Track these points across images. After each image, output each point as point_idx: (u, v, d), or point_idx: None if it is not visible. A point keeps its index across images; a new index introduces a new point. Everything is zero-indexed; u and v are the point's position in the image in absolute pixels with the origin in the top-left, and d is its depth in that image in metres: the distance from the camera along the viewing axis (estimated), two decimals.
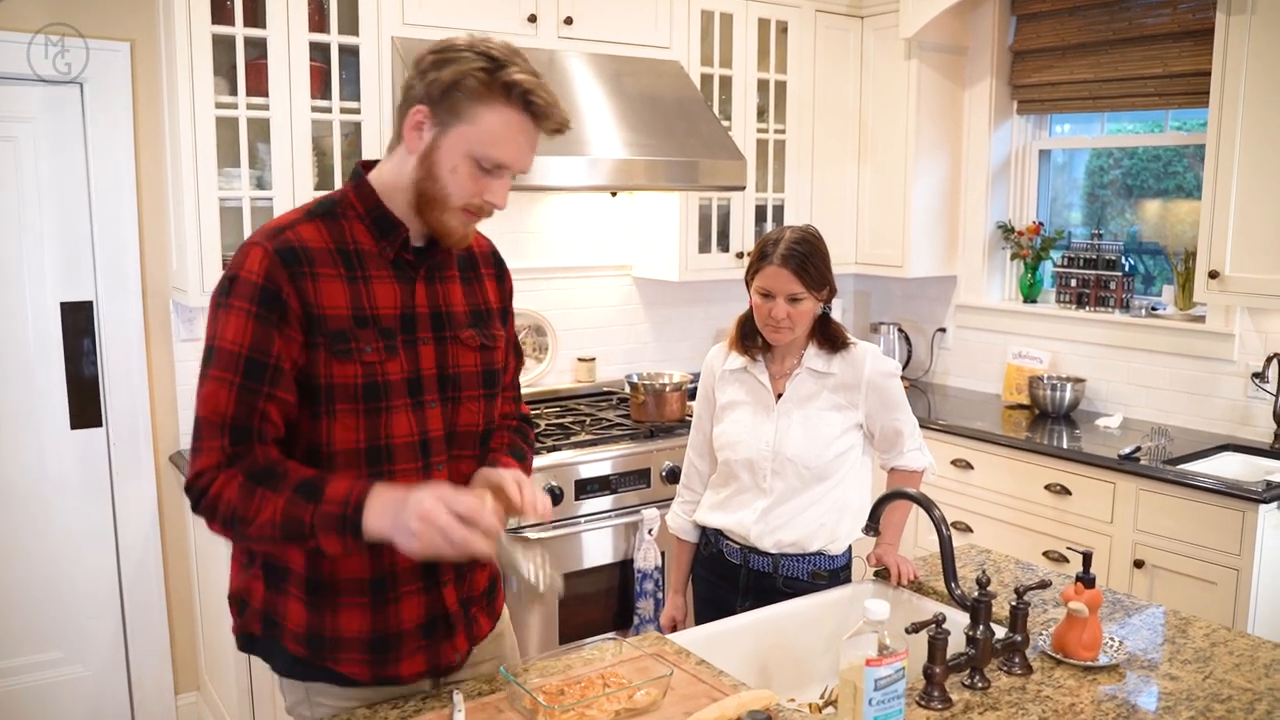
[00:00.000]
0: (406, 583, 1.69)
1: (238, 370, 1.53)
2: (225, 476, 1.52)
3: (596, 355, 4.29)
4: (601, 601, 3.52)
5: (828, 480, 2.32)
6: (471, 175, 1.59)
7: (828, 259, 2.29)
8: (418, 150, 1.60)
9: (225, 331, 1.55)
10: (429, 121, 1.58)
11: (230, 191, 3.16)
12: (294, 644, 1.68)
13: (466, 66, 1.55)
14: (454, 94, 1.55)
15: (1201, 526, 3.18)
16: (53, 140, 3.24)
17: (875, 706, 1.48)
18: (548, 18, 3.59)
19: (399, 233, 1.65)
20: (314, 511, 1.49)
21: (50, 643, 3.40)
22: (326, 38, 3.23)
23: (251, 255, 1.57)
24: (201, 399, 1.56)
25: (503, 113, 1.56)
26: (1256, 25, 3.25)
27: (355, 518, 1.48)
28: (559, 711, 1.58)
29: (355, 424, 1.61)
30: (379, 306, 1.63)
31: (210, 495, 1.52)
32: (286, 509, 1.49)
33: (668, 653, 1.89)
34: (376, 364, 1.61)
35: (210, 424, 1.54)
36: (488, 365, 1.77)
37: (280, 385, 1.56)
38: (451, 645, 1.77)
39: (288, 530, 1.49)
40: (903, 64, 4.33)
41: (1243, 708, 1.73)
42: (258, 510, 1.50)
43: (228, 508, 1.52)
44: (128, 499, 3.45)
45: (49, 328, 3.31)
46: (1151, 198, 4.21)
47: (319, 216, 1.64)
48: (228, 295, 1.56)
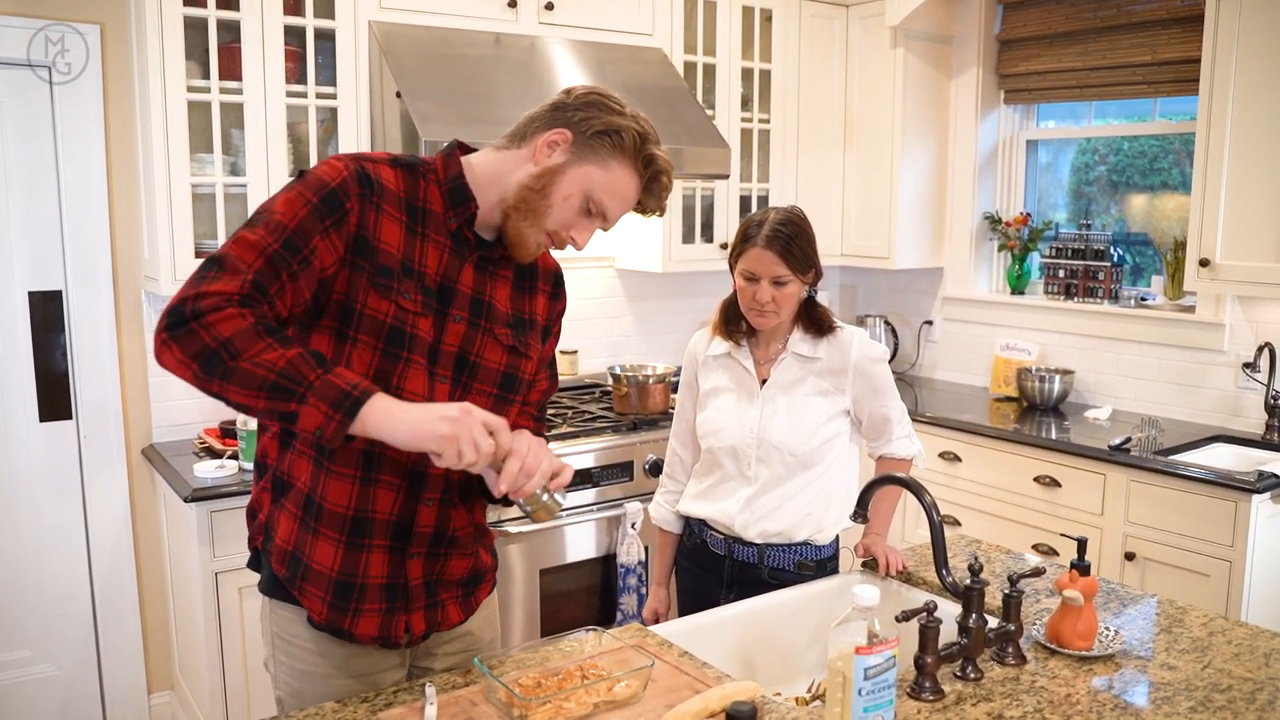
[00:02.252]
0: (379, 535, 1.68)
1: (279, 239, 1.53)
2: (235, 311, 1.46)
3: (579, 348, 4.22)
4: (583, 598, 3.46)
5: (814, 468, 2.26)
6: (576, 209, 1.69)
7: (814, 240, 2.23)
8: (542, 164, 1.66)
9: (278, 205, 1.56)
10: (566, 146, 1.66)
11: (203, 178, 3.09)
12: (278, 562, 1.71)
13: (625, 124, 1.67)
14: (603, 138, 1.66)
15: (1193, 518, 3.14)
16: (20, 126, 3.16)
17: (865, 697, 1.42)
18: (528, 3, 3.53)
19: (469, 206, 1.69)
20: (319, 375, 1.46)
21: (19, 641, 3.31)
22: (302, 21, 3.16)
23: (331, 163, 1.61)
24: (232, 243, 1.53)
25: (630, 177, 1.70)
26: (1247, 11, 3.21)
27: (359, 400, 1.46)
28: (535, 704, 1.52)
29: (370, 360, 1.61)
30: (427, 266, 1.66)
31: (206, 318, 1.44)
32: (294, 360, 1.45)
33: (650, 645, 1.83)
34: (410, 313, 1.63)
35: (236, 262, 1.50)
36: (511, 368, 1.78)
37: (304, 274, 1.55)
38: (405, 620, 1.74)
39: (282, 379, 1.44)
40: (888, 53, 4.28)
41: (1244, 697, 1.68)
42: (259, 351, 1.44)
43: (219, 338, 1.44)
44: (99, 493, 3.37)
45: (17, 318, 3.23)
46: (1137, 192, 4.17)
47: (401, 166, 1.69)
48: (296, 181, 1.60)
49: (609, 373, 3.80)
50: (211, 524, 2.93)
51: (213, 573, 2.95)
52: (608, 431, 3.52)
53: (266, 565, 1.74)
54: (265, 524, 1.74)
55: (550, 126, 1.67)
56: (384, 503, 1.67)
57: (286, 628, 1.75)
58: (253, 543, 1.78)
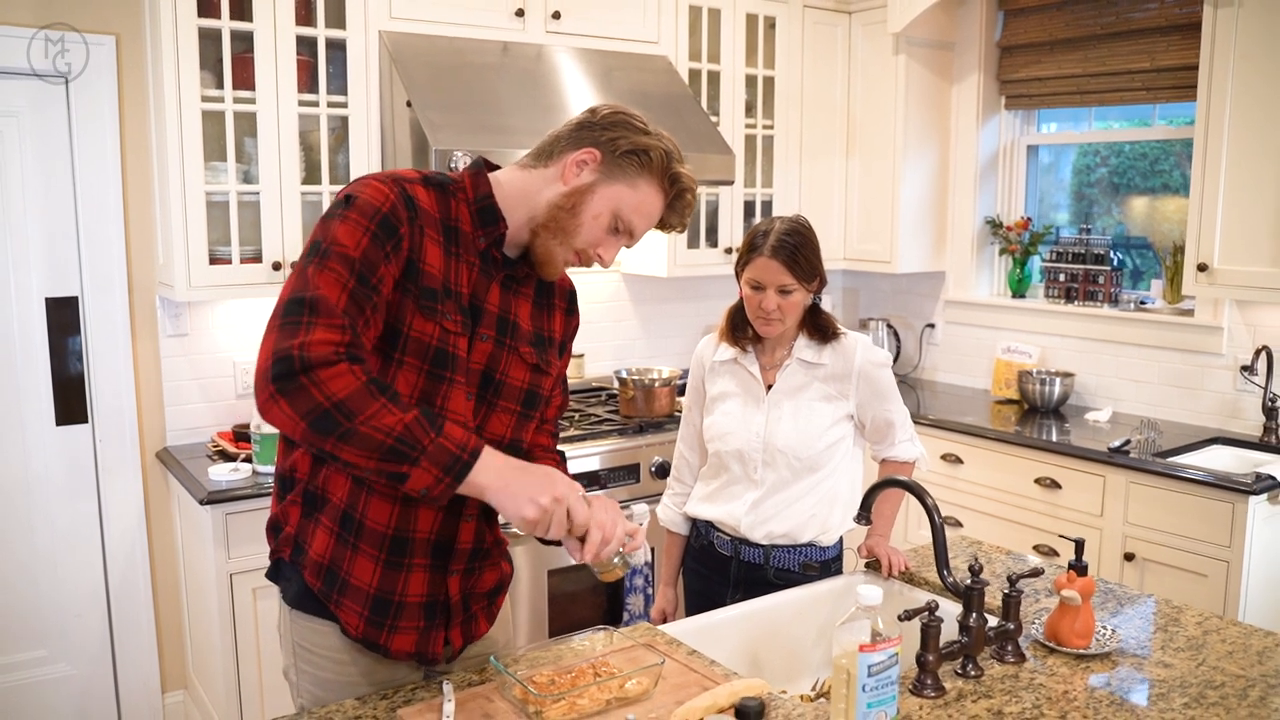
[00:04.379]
0: (419, 555, 1.71)
1: (353, 273, 1.53)
2: (347, 367, 1.47)
3: (585, 352, 4.27)
4: (590, 598, 3.51)
5: (819, 471, 2.31)
6: (605, 228, 1.72)
7: (818, 249, 2.29)
8: (570, 183, 1.69)
9: (340, 236, 1.55)
10: (595, 165, 1.68)
11: (217, 186, 3.14)
12: (311, 575, 1.71)
13: (652, 143, 1.70)
14: (631, 158, 1.68)
15: (1191, 519, 3.19)
16: (38, 135, 3.21)
17: (869, 693, 1.47)
18: (535, 12, 3.58)
19: (499, 226, 1.72)
20: (433, 439, 1.48)
21: (36, 641, 3.37)
22: (313, 31, 3.22)
23: (374, 186, 1.61)
24: (315, 280, 1.51)
25: (657, 195, 1.72)
26: (1244, 18, 3.26)
27: (469, 463, 1.50)
28: (549, 700, 1.57)
29: (415, 381, 1.64)
30: (461, 285, 1.69)
31: (319, 375, 1.44)
32: (411, 425, 1.47)
33: (659, 643, 1.88)
34: (453, 334, 1.66)
35: (331, 305, 1.49)
36: (534, 385, 1.81)
37: (379, 303, 1.56)
38: (444, 636, 1.77)
39: (399, 445, 1.46)
40: (890, 59, 4.34)
41: (1236, 694, 1.72)
42: (375, 414, 1.45)
43: (335, 396, 1.44)
44: (114, 496, 3.42)
45: (34, 323, 3.28)
46: (1138, 195, 4.22)
47: (433, 186, 1.70)
48: (345, 208, 1.58)
49: (615, 376, 3.85)
50: (226, 526, 2.98)
51: (227, 574, 3.00)
52: (614, 434, 3.58)
53: (296, 578, 1.74)
54: (294, 537, 1.74)
55: (578, 146, 1.69)
56: (424, 522, 1.70)
57: (312, 639, 1.76)
58: (276, 554, 1.78)
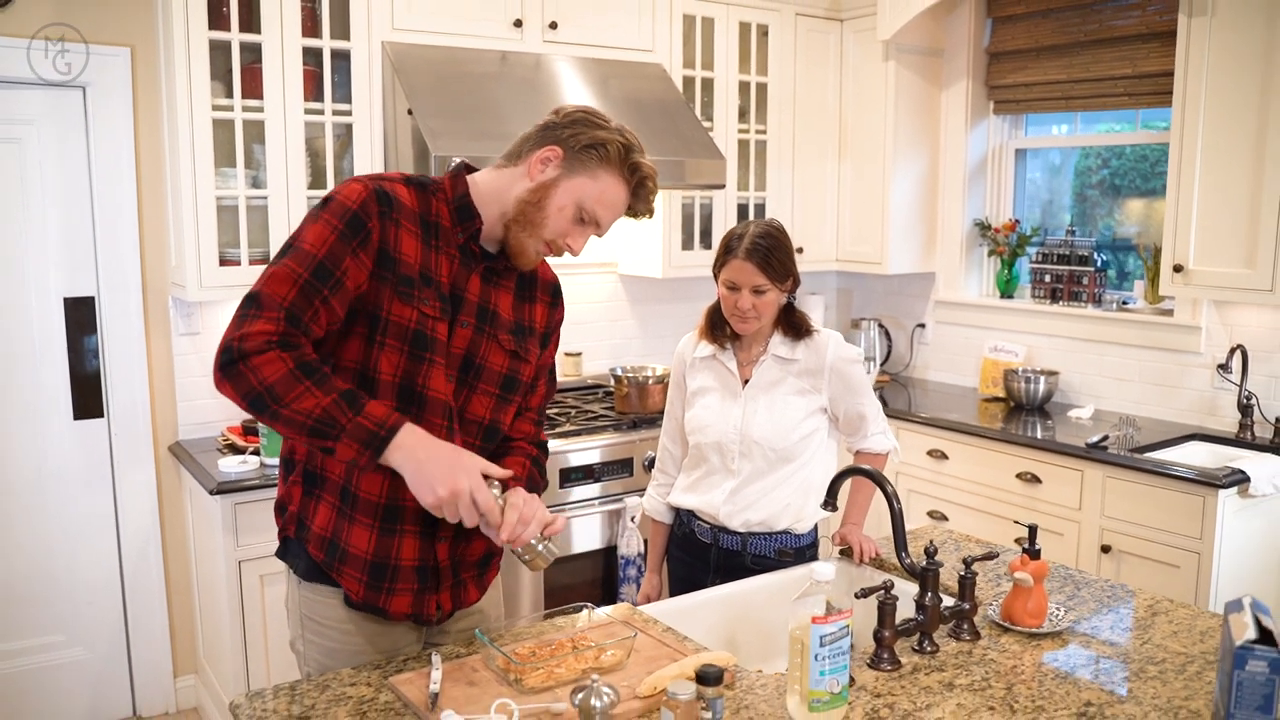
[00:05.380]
0: (410, 522, 1.85)
1: (308, 268, 1.69)
2: (275, 354, 1.63)
3: (583, 350, 4.40)
4: (586, 589, 3.63)
5: (793, 462, 2.43)
6: (570, 219, 1.84)
7: (791, 252, 2.40)
8: (536, 179, 1.82)
9: (307, 235, 1.72)
10: (558, 162, 1.81)
11: (227, 191, 3.27)
12: (315, 548, 1.85)
13: (609, 137, 1.82)
14: (590, 151, 1.81)
15: (1165, 512, 3.30)
16: (56, 142, 3.36)
17: (820, 662, 1.59)
18: (533, 23, 3.71)
19: (475, 222, 1.85)
20: (351, 418, 1.63)
21: (53, 626, 3.52)
22: (319, 43, 3.35)
23: (352, 186, 1.77)
24: (267, 279, 1.69)
25: (618, 185, 1.85)
26: (1216, 27, 3.37)
27: (386, 438, 1.64)
28: (529, 669, 1.70)
29: (397, 361, 1.78)
30: (441, 275, 1.83)
31: (252, 363, 1.62)
32: (329, 407, 1.62)
33: (636, 621, 2.00)
34: (431, 318, 1.80)
35: (271, 299, 1.66)
36: (512, 371, 1.94)
37: (336, 295, 1.71)
38: (435, 598, 1.91)
39: (319, 425, 1.63)
40: (881, 65, 4.46)
41: (1175, 669, 1.84)
42: (298, 398, 1.62)
43: (263, 382, 1.62)
44: (128, 487, 3.57)
45: (52, 322, 3.43)
46: (1139, 196, 4.32)
47: (414, 185, 1.85)
48: (321, 209, 1.75)
49: (610, 374, 3.98)
50: (235, 515, 3.12)
51: (236, 561, 3.14)
52: (609, 430, 3.70)
53: (303, 553, 1.87)
54: (298, 514, 1.88)
55: (542, 144, 1.83)
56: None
57: (319, 610, 1.89)
58: (283, 533, 1.92)
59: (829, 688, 1.61)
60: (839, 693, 1.62)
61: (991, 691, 1.75)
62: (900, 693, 1.75)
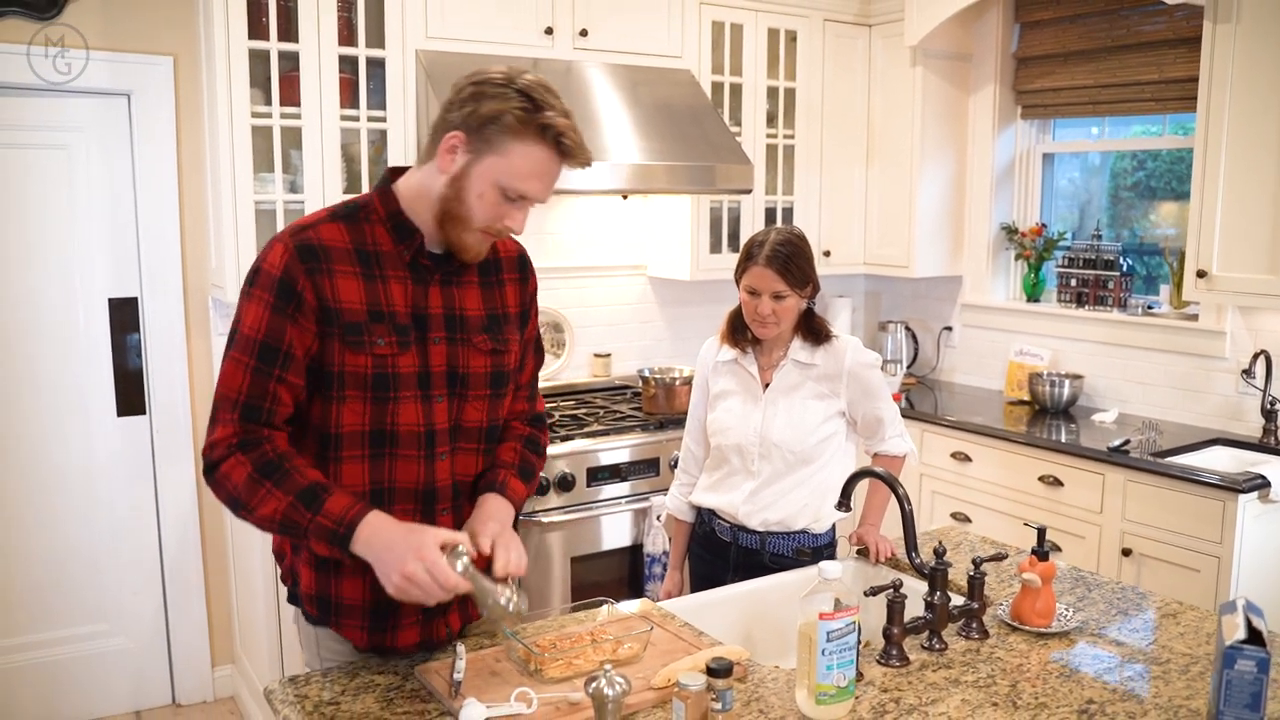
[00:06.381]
0: None
1: (253, 354, 1.69)
2: (236, 460, 1.67)
3: (612, 351, 4.47)
4: (612, 587, 3.70)
5: (812, 464, 2.49)
6: (496, 202, 1.72)
7: (811, 258, 2.46)
8: (449, 171, 1.72)
9: (245, 318, 1.72)
10: (463, 148, 1.70)
11: (265, 195, 3.37)
12: (309, 606, 1.87)
13: (505, 105, 1.67)
14: (490, 127, 1.67)
15: (1185, 516, 3.32)
16: (102, 148, 3.48)
17: (827, 656, 1.65)
18: (564, 30, 3.79)
19: (415, 238, 1.78)
20: (310, 519, 1.65)
21: (98, 615, 3.65)
22: (355, 51, 3.44)
23: (274, 251, 1.72)
24: (220, 377, 1.73)
25: (534, 151, 1.69)
26: (1241, 34, 3.38)
27: (346, 536, 1.66)
28: (549, 660, 1.77)
29: (362, 409, 1.76)
30: (395, 304, 1.76)
31: (220, 472, 1.68)
32: (287, 511, 1.65)
33: (654, 616, 2.07)
34: (388, 357, 1.75)
35: (226, 399, 1.70)
36: (497, 368, 1.90)
37: (290, 370, 1.71)
38: (444, 621, 1.92)
39: (285, 528, 1.68)
40: (909, 70, 4.49)
41: (1178, 669, 1.88)
42: (260, 502, 1.66)
43: (234, 490, 1.68)
44: (169, 482, 3.69)
45: (98, 322, 3.56)
46: (1173, 199, 4.32)
47: (342, 218, 1.77)
48: (251, 285, 1.73)
49: (639, 375, 4.05)
50: None
51: (272, 555, 3.23)
52: (637, 430, 3.77)
53: (302, 605, 1.90)
54: (291, 569, 1.90)
55: (445, 132, 1.71)
56: None
57: (331, 646, 1.91)
58: (285, 579, 1.94)
59: (836, 682, 1.67)
60: (845, 687, 1.68)
61: (996, 688, 1.80)
62: (907, 688, 1.80)
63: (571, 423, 3.80)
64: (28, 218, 3.41)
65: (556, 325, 4.35)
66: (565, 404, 4.13)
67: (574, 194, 4.13)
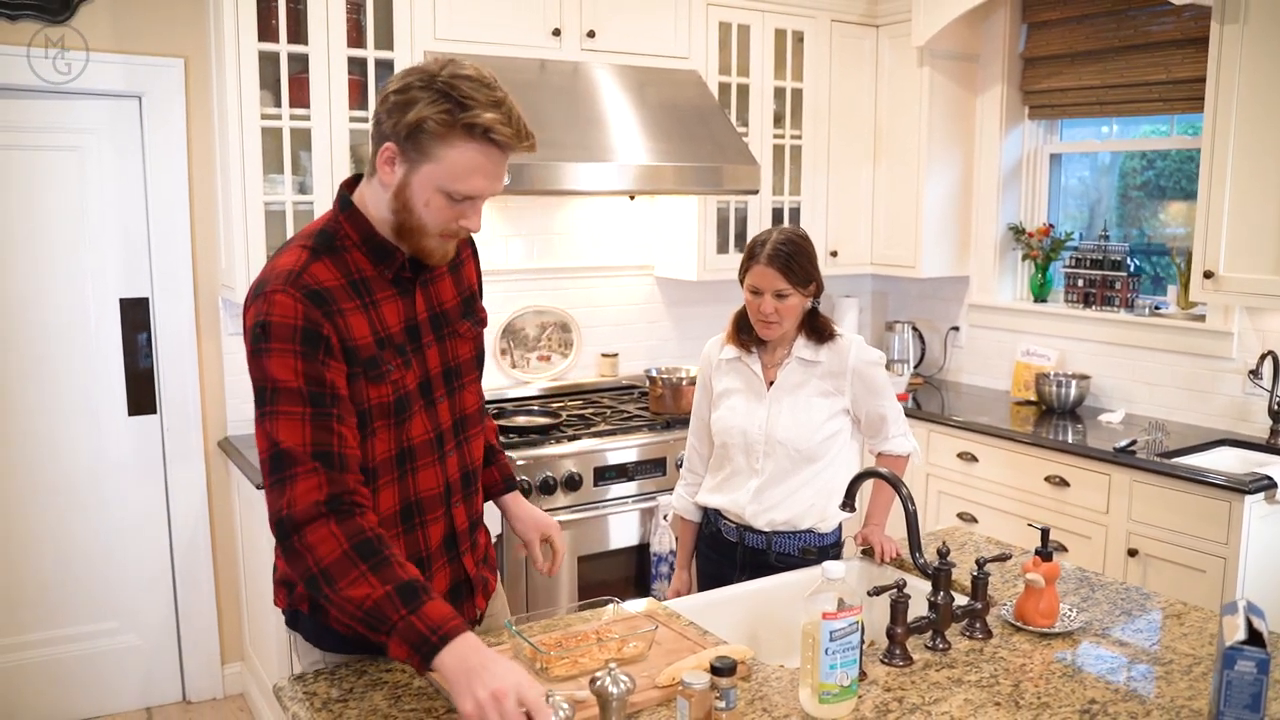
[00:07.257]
0: (438, 560, 1.89)
1: (305, 402, 1.60)
2: (328, 529, 1.56)
3: (619, 351, 4.49)
4: (620, 586, 3.71)
5: (817, 462, 2.50)
6: (444, 207, 1.68)
7: (813, 257, 2.48)
8: (391, 185, 1.67)
9: (276, 372, 1.61)
10: (399, 159, 1.65)
11: (274, 196, 3.40)
12: (342, 627, 1.77)
13: (427, 111, 1.60)
14: (418, 135, 1.61)
15: (1191, 517, 3.32)
16: (114, 149, 3.51)
17: (830, 655, 1.67)
18: (571, 31, 3.80)
19: (396, 258, 1.75)
20: (404, 617, 1.52)
21: (109, 613, 3.68)
22: (364, 52, 3.46)
23: (278, 304, 1.63)
24: (275, 432, 1.59)
25: (467, 151, 1.63)
26: (1249, 35, 3.38)
27: (437, 647, 1.52)
28: (555, 658, 1.79)
29: (388, 436, 1.75)
30: (389, 325, 1.75)
31: (306, 540, 1.56)
32: (380, 601, 1.53)
33: (659, 616, 2.09)
34: (399, 379, 1.75)
35: (292, 455, 1.58)
36: (478, 347, 1.96)
37: (344, 409, 1.65)
38: (473, 604, 1.98)
39: (370, 617, 1.54)
40: (916, 71, 4.50)
41: (1181, 670, 1.89)
42: (351, 584, 1.54)
43: (318, 564, 1.55)
44: (179, 481, 3.71)
45: (109, 322, 3.58)
46: (1182, 199, 4.31)
47: (324, 253, 1.71)
48: (266, 341, 1.62)
49: (645, 375, 4.06)
50: None
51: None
52: (644, 430, 3.79)
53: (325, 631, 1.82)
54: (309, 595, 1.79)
55: (380, 144, 1.67)
56: (435, 534, 1.86)
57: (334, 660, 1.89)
58: (294, 605, 1.86)
59: (839, 680, 1.68)
60: (848, 686, 1.69)
61: (999, 688, 1.81)
62: (910, 687, 1.82)
63: (579, 422, 3.82)
64: (40, 219, 3.44)
65: (564, 325, 4.36)
66: (573, 404, 4.15)
67: (581, 195, 4.15)
